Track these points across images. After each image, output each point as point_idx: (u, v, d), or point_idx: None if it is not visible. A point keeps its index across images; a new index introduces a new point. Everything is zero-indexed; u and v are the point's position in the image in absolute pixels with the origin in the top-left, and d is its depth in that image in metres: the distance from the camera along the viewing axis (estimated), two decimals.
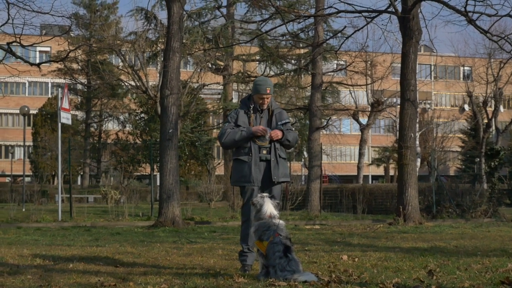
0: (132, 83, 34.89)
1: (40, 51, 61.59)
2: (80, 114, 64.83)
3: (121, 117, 63.42)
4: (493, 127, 57.69)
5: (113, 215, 23.84)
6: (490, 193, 26.00)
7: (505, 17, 22.51)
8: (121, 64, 39.07)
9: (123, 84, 43.79)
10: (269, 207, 8.23)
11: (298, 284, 7.42)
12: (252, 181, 8.80)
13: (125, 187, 31.15)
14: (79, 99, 64.41)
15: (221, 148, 52.24)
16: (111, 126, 65.85)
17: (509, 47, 24.21)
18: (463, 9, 21.80)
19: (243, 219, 8.93)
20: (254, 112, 9.01)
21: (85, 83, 61.75)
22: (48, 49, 62.13)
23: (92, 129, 65.42)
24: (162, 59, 26.46)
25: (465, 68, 69.11)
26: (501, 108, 61.89)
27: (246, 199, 8.83)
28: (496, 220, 23.29)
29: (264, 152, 8.87)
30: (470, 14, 22.06)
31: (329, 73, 39.05)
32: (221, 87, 46.14)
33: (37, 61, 27.80)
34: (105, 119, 65.47)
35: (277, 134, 8.87)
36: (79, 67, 57.29)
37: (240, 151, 8.92)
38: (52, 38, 25.53)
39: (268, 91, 8.89)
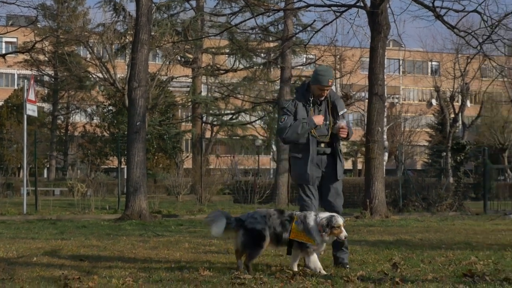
0: (100, 75, 34.75)
1: (6, 42, 61.00)
2: (46, 106, 64.25)
3: (89, 110, 62.99)
4: (460, 122, 58.16)
5: (79, 208, 23.68)
6: (456, 187, 26.19)
7: (472, 13, 22.70)
8: (89, 56, 38.83)
9: (90, 76, 43.60)
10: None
11: (263, 277, 7.43)
12: (308, 180, 8.47)
13: (92, 180, 30.94)
14: (46, 91, 63.84)
15: (189, 141, 52.34)
16: (79, 118, 65.40)
17: (475, 43, 24.41)
18: (431, 5, 21.97)
19: None
20: (313, 105, 8.56)
21: (52, 74, 61.23)
22: (14, 40, 61.55)
23: (59, 121, 64.90)
24: (130, 51, 26.35)
25: (433, 63, 69.63)
26: (468, 103, 62.45)
27: (303, 198, 8.56)
28: (461, 214, 23.48)
29: (323, 145, 8.53)
30: (437, 9, 22.23)
31: (298, 67, 39.15)
32: (190, 80, 46.04)
33: (3, 51, 27.52)
34: (72, 112, 64.99)
35: (345, 131, 8.47)
36: (46, 58, 56.74)
37: (296, 147, 8.60)
38: (18, 29, 25.23)
39: (330, 83, 8.43)
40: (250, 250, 7.96)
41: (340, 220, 7.91)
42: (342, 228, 7.92)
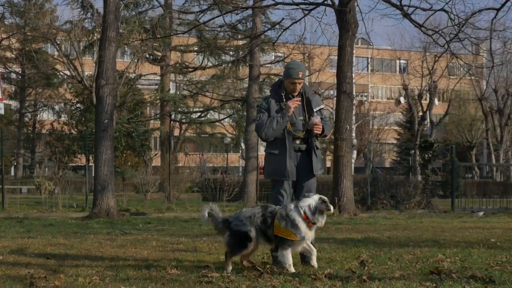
0: (68, 72, 34.43)
1: None
2: (14, 104, 63.67)
3: (56, 107, 62.55)
4: (428, 120, 58.56)
5: (46, 206, 23.50)
6: (424, 185, 26.39)
7: (440, 12, 22.89)
8: (56, 53, 38.55)
9: (58, 73, 43.20)
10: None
11: (231, 275, 7.41)
12: (287, 175, 8.44)
13: (59, 178, 30.68)
14: (13, 88, 63.22)
15: (158, 139, 52.14)
16: (46, 116, 64.90)
17: (443, 41, 24.60)
18: (398, 3, 22.11)
19: None
20: (287, 100, 8.52)
21: (19, 72, 60.64)
22: None
23: (26, 119, 64.36)
24: (98, 48, 26.22)
25: (401, 61, 70.00)
26: (436, 101, 62.84)
27: (278, 193, 8.53)
28: (429, 211, 23.66)
29: (298, 142, 8.52)
30: (405, 8, 22.40)
31: (267, 65, 39.14)
32: (158, 77, 45.86)
33: None
34: (40, 109, 64.48)
35: (319, 128, 8.48)
36: (13, 55, 56.18)
37: (272, 143, 8.57)
38: None
39: (300, 75, 8.44)
40: (233, 249, 7.90)
41: (325, 198, 8.02)
42: (329, 203, 8.01)
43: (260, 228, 7.90)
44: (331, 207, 7.99)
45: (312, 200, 7.96)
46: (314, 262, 8.14)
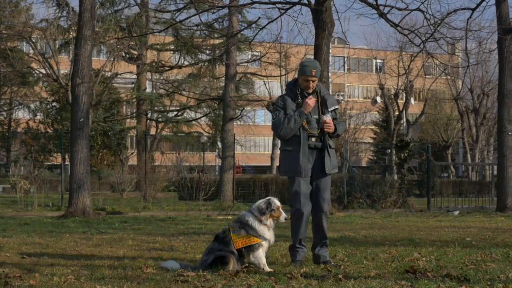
0: (43, 71, 34.27)
1: None
2: None
3: (32, 106, 62.16)
4: (404, 119, 58.72)
5: (22, 205, 23.37)
6: (400, 184, 26.49)
7: (416, 12, 23.00)
8: (31, 51, 38.33)
9: (33, 72, 42.97)
10: None
11: (207, 274, 7.40)
12: (300, 172, 8.43)
13: (35, 176, 30.51)
14: None
15: (134, 138, 51.98)
16: (22, 114, 64.51)
17: (418, 41, 24.70)
18: (374, 3, 22.18)
19: (291, 211, 8.54)
20: (302, 98, 8.57)
21: None
22: None
23: (1, 117, 63.86)
24: (74, 47, 26.09)
25: (377, 60, 70.20)
26: (412, 101, 63.09)
27: (294, 190, 8.48)
28: (405, 210, 23.77)
29: (313, 139, 8.52)
30: (381, 7, 22.49)
31: (243, 64, 39.11)
32: (134, 76, 45.72)
33: None
34: (15, 108, 64.06)
35: (331, 126, 8.51)
36: None
37: (288, 140, 8.54)
38: None
39: (313, 73, 8.47)
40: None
41: (277, 201, 8.00)
42: (281, 210, 7.98)
43: (230, 251, 7.83)
44: (283, 214, 8.00)
45: (261, 200, 8.04)
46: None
